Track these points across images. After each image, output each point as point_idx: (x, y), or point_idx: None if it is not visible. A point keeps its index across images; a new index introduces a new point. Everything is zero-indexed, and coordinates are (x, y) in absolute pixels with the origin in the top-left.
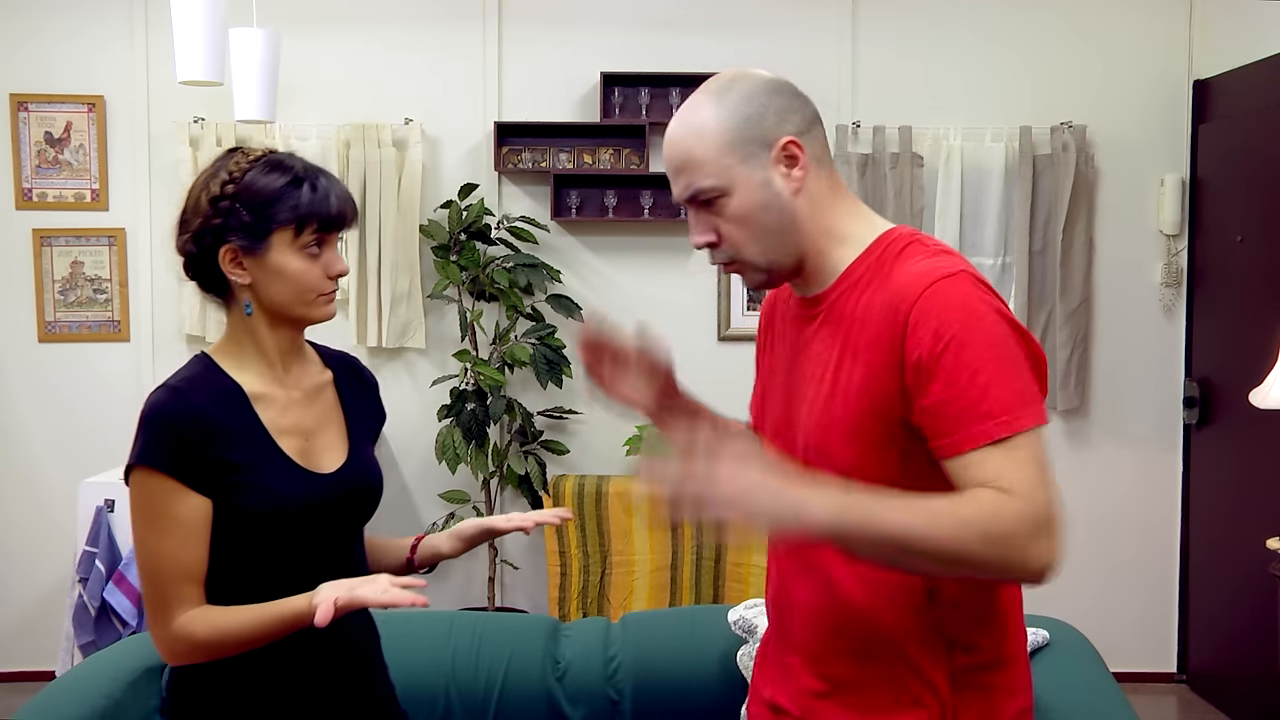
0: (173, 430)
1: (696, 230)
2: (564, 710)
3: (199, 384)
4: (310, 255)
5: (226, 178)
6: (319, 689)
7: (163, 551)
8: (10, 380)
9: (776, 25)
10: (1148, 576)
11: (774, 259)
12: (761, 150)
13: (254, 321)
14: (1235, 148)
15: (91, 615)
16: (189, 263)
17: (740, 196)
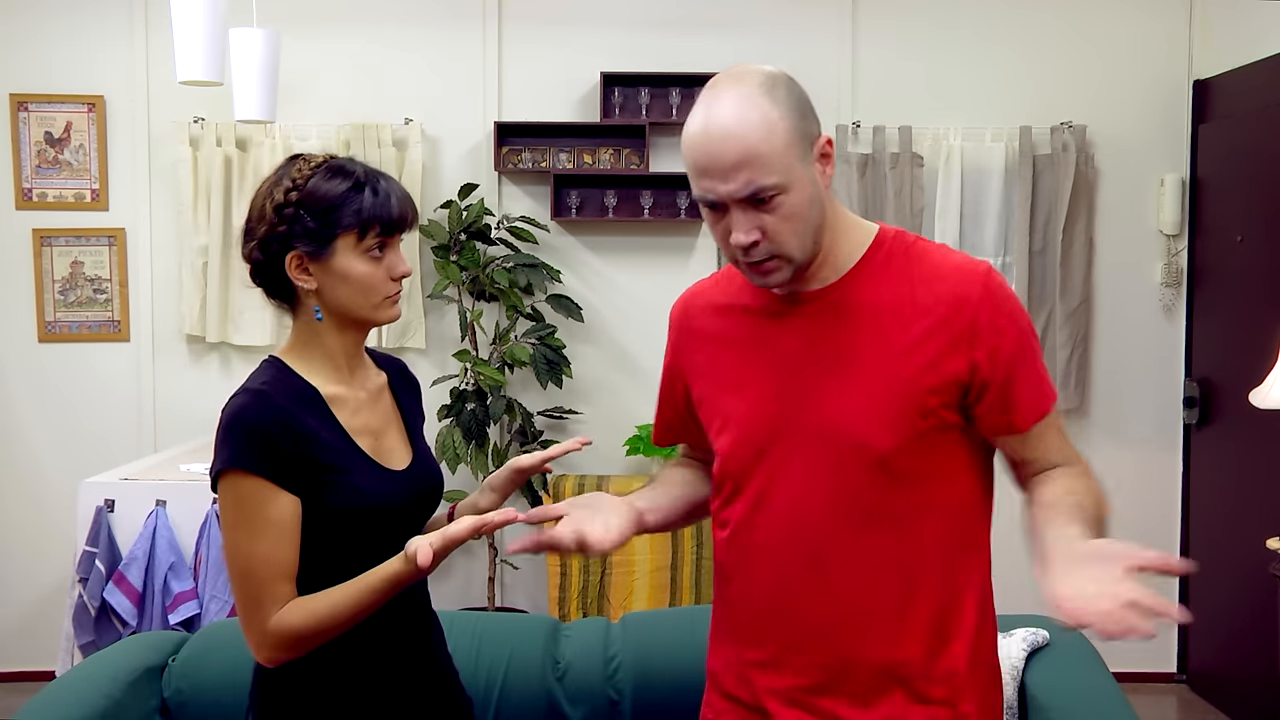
0: (260, 432)
1: (743, 228)
2: (564, 710)
3: (278, 387)
4: (373, 258)
5: (290, 185)
6: (405, 692)
7: (256, 552)
8: (10, 380)
9: (776, 25)
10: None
11: (808, 254)
12: (809, 148)
13: (322, 326)
14: (1235, 148)
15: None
16: (255, 270)
17: (797, 194)
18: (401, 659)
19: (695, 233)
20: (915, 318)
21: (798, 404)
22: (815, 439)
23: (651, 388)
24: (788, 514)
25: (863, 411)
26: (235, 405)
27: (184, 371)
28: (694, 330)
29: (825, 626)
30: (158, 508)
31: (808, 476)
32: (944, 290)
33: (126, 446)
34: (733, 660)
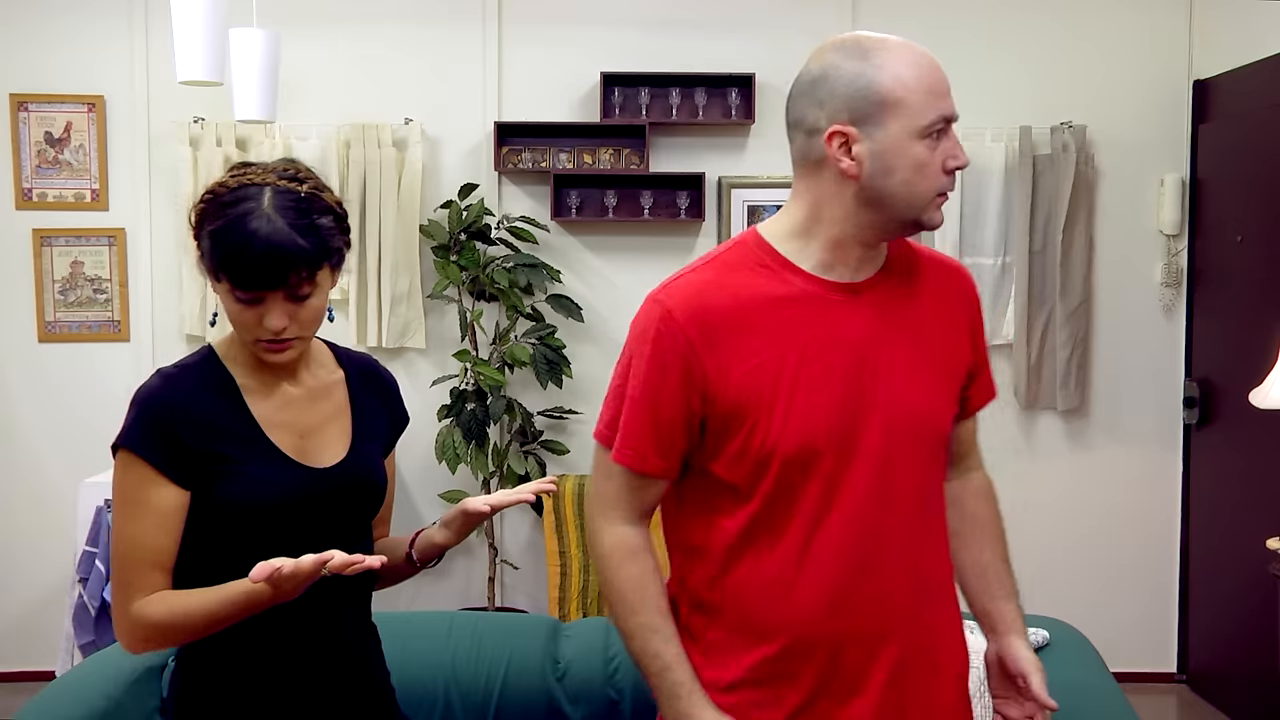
0: (159, 418)
1: (963, 151)
2: (564, 710)
3: (195, 373)
4: (239, 301)
5: (201, 203)
6: (318, 692)
7: (133, 534)
8: (10, 380)
9: (776, 25)
10: (1148, 576)
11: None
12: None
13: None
14: (1235, 148)
15: (91, 615)
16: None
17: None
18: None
19: (695, 233)
20: (942, 304)
21: (873, 394)
22: (894, 429)
23: None
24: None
25: (934, 398)
26: (145, 386)
27: None
28: (715, 334)
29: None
30: None
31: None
32: (956, 280)
33: None
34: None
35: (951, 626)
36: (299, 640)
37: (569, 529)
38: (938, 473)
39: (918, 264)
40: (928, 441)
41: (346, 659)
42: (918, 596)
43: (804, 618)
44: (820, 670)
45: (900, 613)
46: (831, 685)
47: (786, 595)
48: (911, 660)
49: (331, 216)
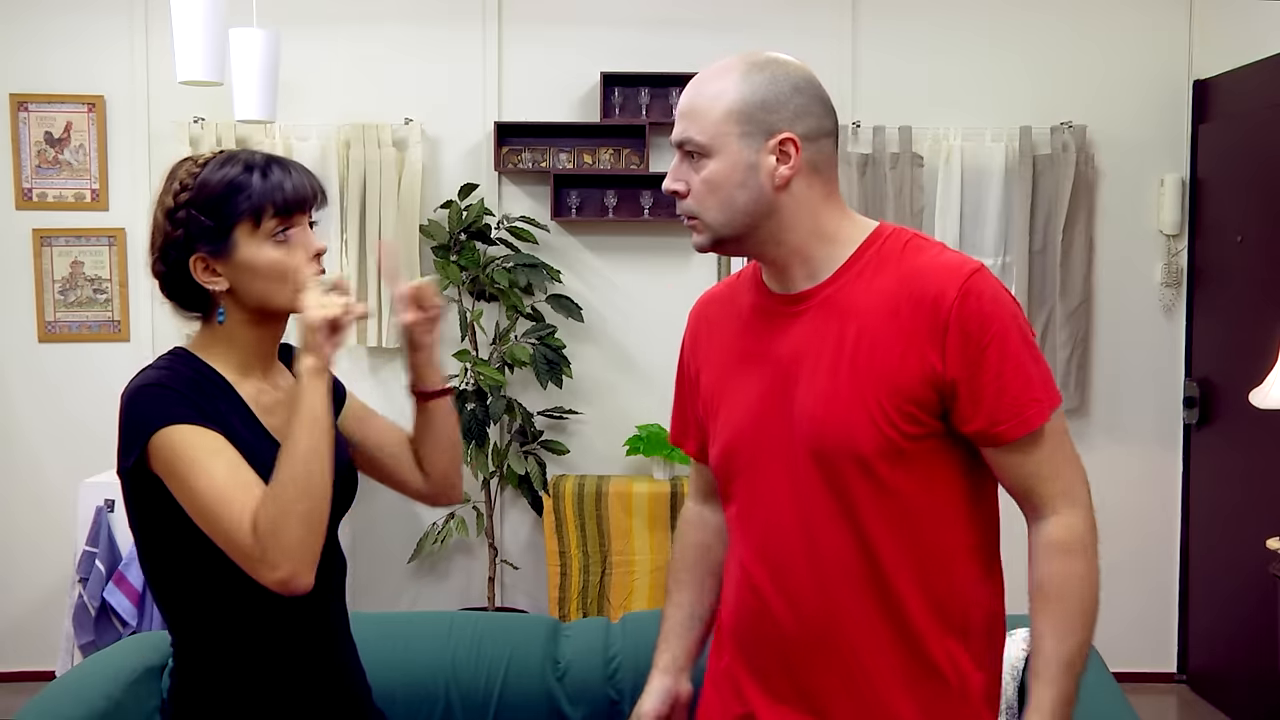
0: (170, 390)
1: (672, 176)
2: (564, 710)
3: (181, 371)
4: (278, 242)
5: (179, 187)
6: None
7: (218, 481)
8: (10, 380)
9: (776, 25)
10: (1148, 576)
11: (732, 232)
12: (760, 134)
13: (230, 326)
14: (1235, 148)
15: (91, 615)
16: (163, 283)
17: (720, 164)
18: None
19: None
20: (890, 315)
21: (783, 406)
22: (801, 440)
23: (652, 387)
24: (768, 519)
25: (845, 413)
26: (134, 384)
27: None
28: (706, 328)
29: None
30: None
31: (790, 482)
32: (922, 287)
33: None
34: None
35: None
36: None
37: (569, 529)
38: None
39: (886, 273)
40: (835, 459)
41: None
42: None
43: (725, 625)
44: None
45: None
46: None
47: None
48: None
49: None
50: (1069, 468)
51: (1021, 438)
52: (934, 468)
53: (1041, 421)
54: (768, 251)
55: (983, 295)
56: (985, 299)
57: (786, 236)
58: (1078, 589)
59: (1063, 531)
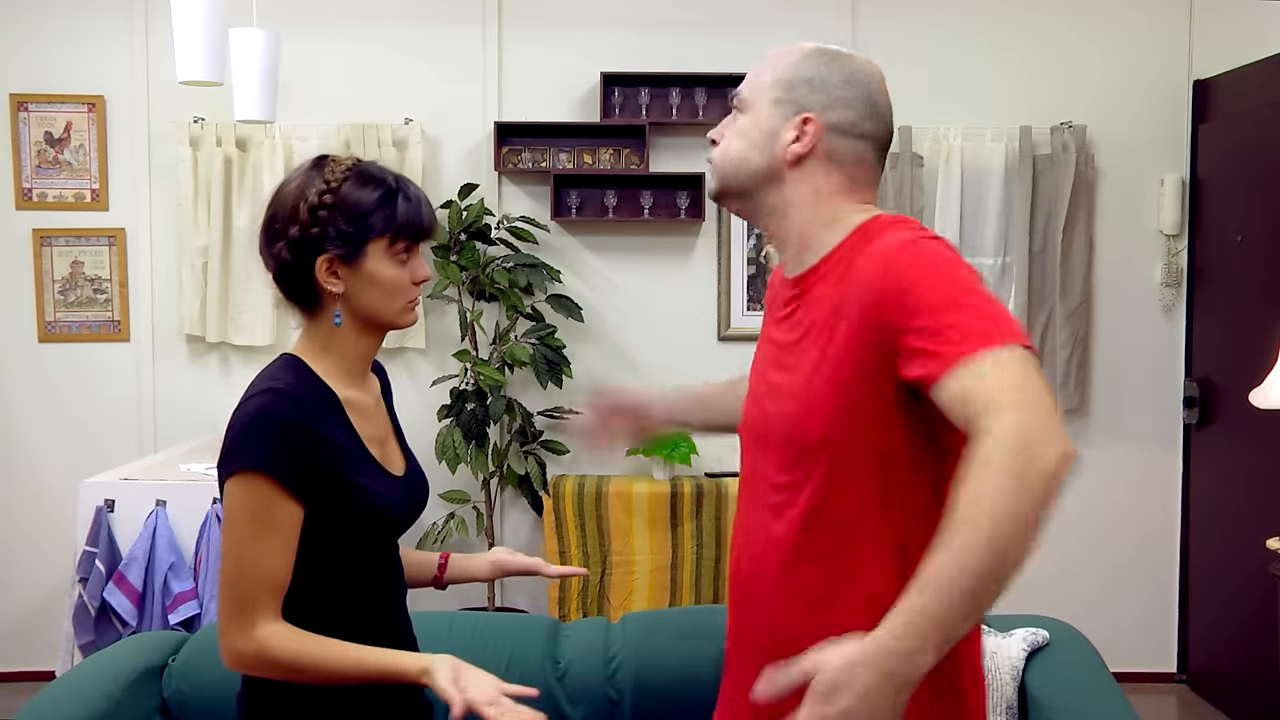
0: (287, 436)
1: (718, 128)
2: (564, 710)
3: (305, 388)
4: (400, 262)
5: (324, 187)
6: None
7: (258, 556)
8: (10, 380)
9: (776, 25)
10: (1148, 576)
11: (735, 185)
12: (791, 107)
13: (342, 330)
14: (1235, 148)
15: (91, 615)
16: (281, 271)
17: (749, 120)
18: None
19: (695, 233)
20: (849, 297)
21: (762, 395)
22: (773, 423)
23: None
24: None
25: (806, 398)
26: (262, 403)
27: (184, 371)
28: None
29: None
30: (158, 508)
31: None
32: (866, 264)
33: (126, 446)
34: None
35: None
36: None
37: (569, 529)
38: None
39: (849, 255)
40: (778, 445)
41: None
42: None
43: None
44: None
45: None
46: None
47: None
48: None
49: None
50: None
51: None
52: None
53: (977, 349)
54: (771, 223)
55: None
56: (918, 254)
57: (790, 213)
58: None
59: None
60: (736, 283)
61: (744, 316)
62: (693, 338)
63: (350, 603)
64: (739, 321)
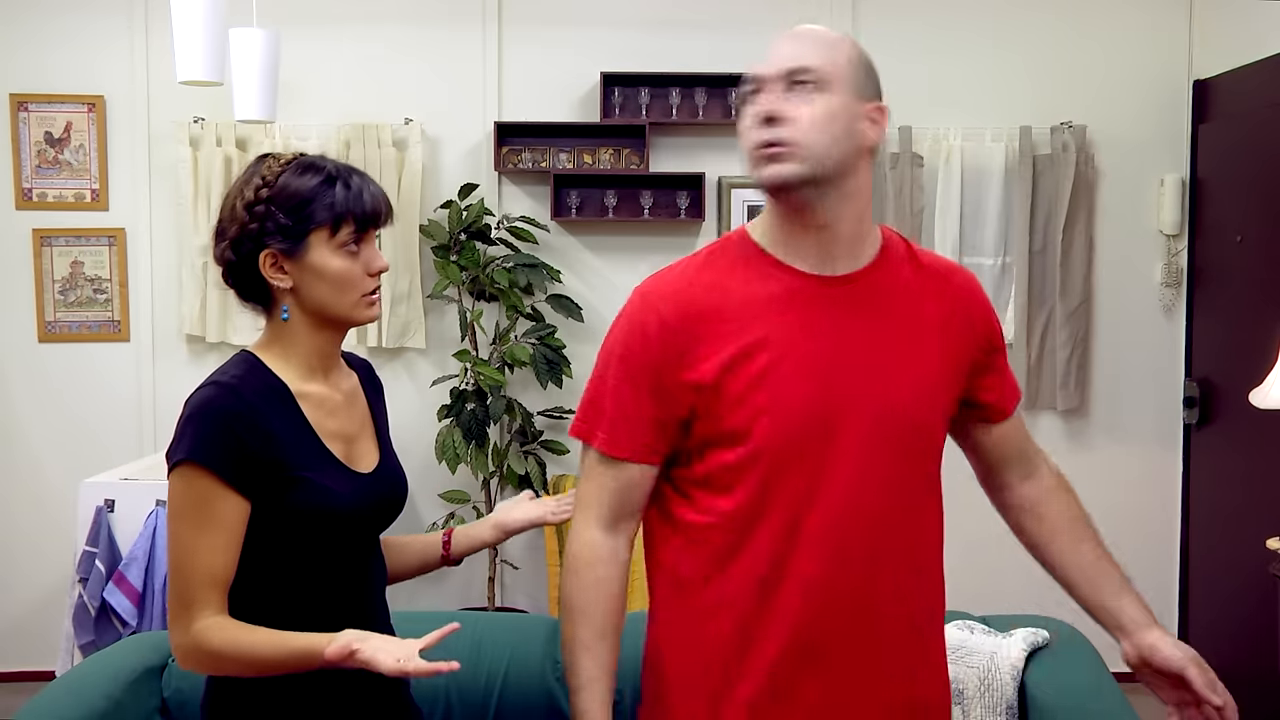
0: (225, 428)
1: (774, 104)
2: (564, 710)
3: (251, 381)
4: (349, 254)
5: (260, 183)
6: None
7: (197, 550)
8: (10, 380)
9: (776, 25)
10: (1148, 576)
11: (825, 169)
12: (868, 93)
13: (294, 326)
14: (1235, 148)
15: (91, 615)
16: (228, 271)
17: (838, 101)
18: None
19: (695, 233)
20: (932, 307)
21: (854, 386)
22: (875, 421)
23: None
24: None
25: (921, 394)
26: (203, 396)
27: (184, 371)
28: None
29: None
30: (158, 508)
31: (869, 460)
32: (957, 285)
33: (126, 446)
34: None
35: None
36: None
37: (569, 529)
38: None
39: (913, 262)
40: (918, 447)
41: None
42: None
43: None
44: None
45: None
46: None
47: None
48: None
49: None
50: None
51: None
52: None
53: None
54: (831, 214)
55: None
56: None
57: (854, 205)
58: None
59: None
60: None
61: None
62: None
63: (312, 600)
64: None
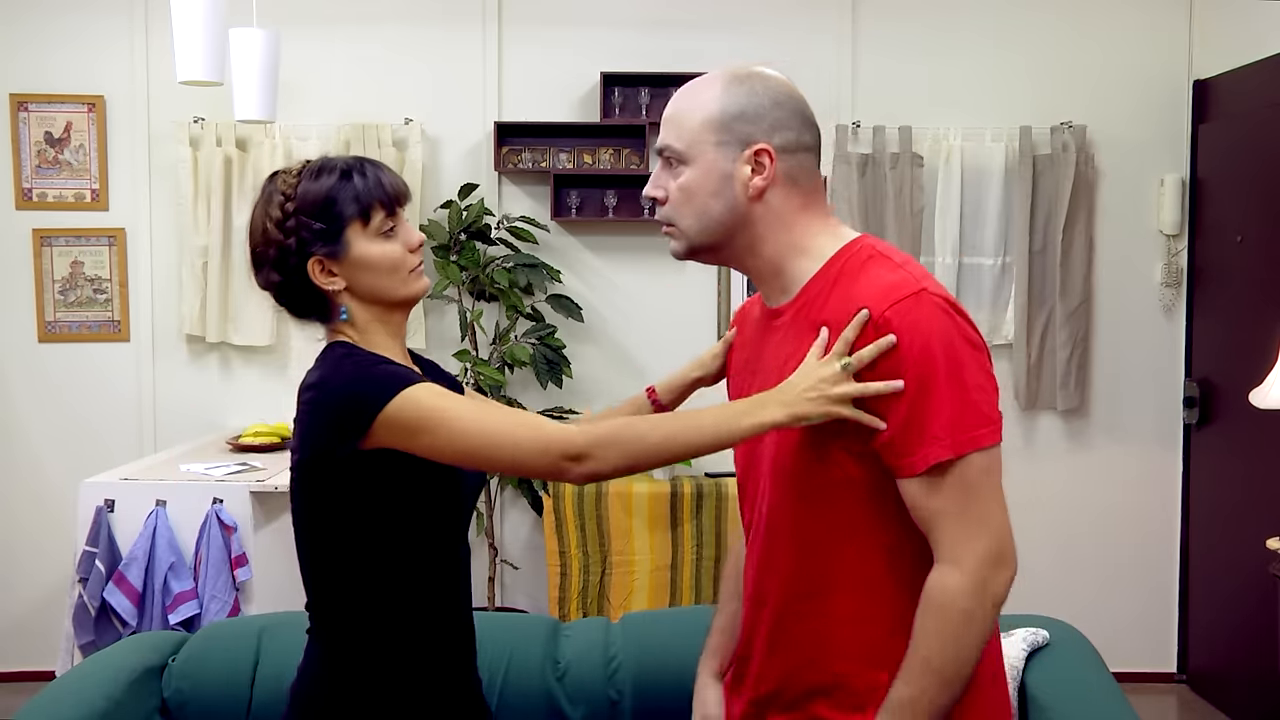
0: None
1: (652, 183)
2: (564, 710)
3: (361, 353)
4: (386, 236)
5: (282, 199)
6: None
7: (478, 411)
8: (10, 380)
9: (776, 25)
10: (1148, 576)
11: (706, 240)
12: (736, 145)
13: (357, 322)
14: (1235, 148)
15: (91, 615)
16: (278, 293)
17: (696, 172)
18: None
19: None
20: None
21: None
22: (763, 464)
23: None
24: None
25: (785, 436)
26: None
27: (184, 371)
28: (740, 337)
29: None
30: (158, 508)
31: (755, 501)
32: (852, 309)
33: (126, 446)
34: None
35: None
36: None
37: (569, 529)
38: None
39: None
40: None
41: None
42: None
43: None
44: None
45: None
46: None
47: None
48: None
49: None
50: (969, 521)
51: (920, 474)
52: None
53: (938, 460)
54: (745, 262)
55: (904, 321)
56: (907, 325)
57: (761, 248)
58: (925, 642)
59: (934, 585)
60: (736, 283)
61: None
62: (693, 338)
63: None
64: None
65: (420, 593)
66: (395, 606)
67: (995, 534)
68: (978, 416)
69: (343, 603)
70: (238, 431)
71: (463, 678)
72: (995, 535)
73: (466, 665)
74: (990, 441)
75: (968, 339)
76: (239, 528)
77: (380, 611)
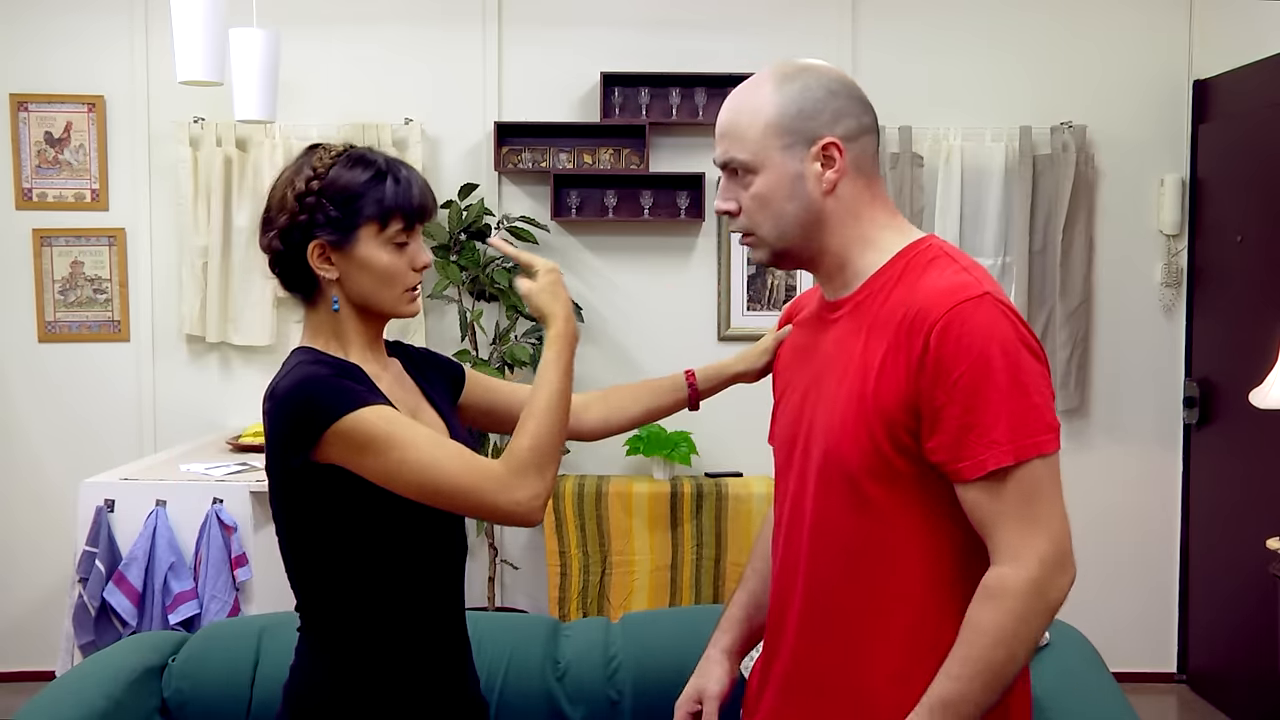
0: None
1: (722, 196)
2: (564, 710)
3: (328, 360)
4: (396, 247)
5: (311, 174)
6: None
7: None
8: (10, 380)
9: (776, 25)
10: (1148, 576)
11: (788, 245)
12: (802, 144)
13: (341, 316)
14: (1235, 148)
15: (91, 615)
16: (275, 260)
17: (767, 178)
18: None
19: (695, 233)
20: (888, 333)
21: (801, 414)
22: (815, 453)
23: None
24: (787, 529)
25: (840, 427)
26: (298, 377)
27: (184, 371)
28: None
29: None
30: (158, 508)
31: (801, 491)
32: (916, 309)
33: (126, 446)
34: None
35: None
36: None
37: (569, 529)
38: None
39: (903, 287)
40: (831, 475)
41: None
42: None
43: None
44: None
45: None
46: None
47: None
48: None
49: None
50: (1031, 522)
51: (979, 478)
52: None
53: (999, 465)
54: (821, 260)
55: (966, 324)
56: (969, 328)
57: (831, 242)
58: (978, 640)
59: (993, 581)
60: (736, 283)
61: (744, 317)
62: (693, 338)
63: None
64: (739, 322)
65: (402, 592)
66: (377, 605)
67: (1057, 537)
68: (1040, 423)
69: (326, 602)
70: (238, 431)
71: (454, 674)
72: (1057, 539)
73: (458, 661)
74: (1052, 448)
75: (1029, 346)
76: (239, 528)
77: (364, 610)
